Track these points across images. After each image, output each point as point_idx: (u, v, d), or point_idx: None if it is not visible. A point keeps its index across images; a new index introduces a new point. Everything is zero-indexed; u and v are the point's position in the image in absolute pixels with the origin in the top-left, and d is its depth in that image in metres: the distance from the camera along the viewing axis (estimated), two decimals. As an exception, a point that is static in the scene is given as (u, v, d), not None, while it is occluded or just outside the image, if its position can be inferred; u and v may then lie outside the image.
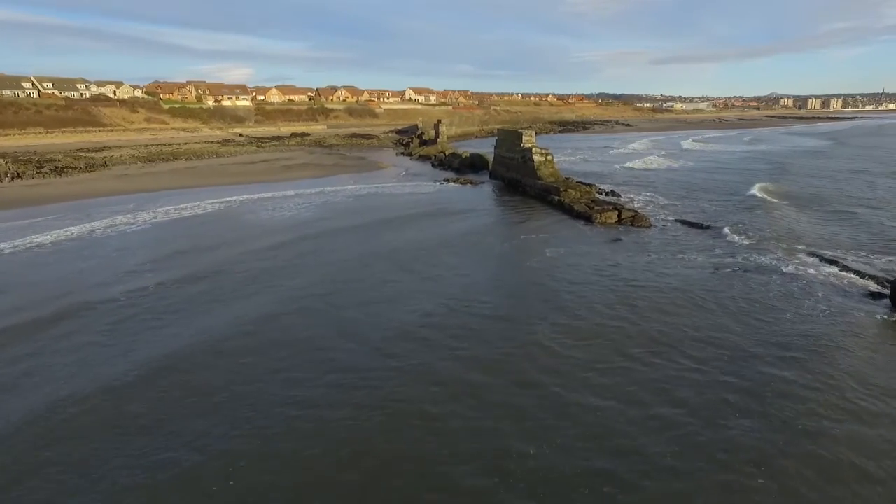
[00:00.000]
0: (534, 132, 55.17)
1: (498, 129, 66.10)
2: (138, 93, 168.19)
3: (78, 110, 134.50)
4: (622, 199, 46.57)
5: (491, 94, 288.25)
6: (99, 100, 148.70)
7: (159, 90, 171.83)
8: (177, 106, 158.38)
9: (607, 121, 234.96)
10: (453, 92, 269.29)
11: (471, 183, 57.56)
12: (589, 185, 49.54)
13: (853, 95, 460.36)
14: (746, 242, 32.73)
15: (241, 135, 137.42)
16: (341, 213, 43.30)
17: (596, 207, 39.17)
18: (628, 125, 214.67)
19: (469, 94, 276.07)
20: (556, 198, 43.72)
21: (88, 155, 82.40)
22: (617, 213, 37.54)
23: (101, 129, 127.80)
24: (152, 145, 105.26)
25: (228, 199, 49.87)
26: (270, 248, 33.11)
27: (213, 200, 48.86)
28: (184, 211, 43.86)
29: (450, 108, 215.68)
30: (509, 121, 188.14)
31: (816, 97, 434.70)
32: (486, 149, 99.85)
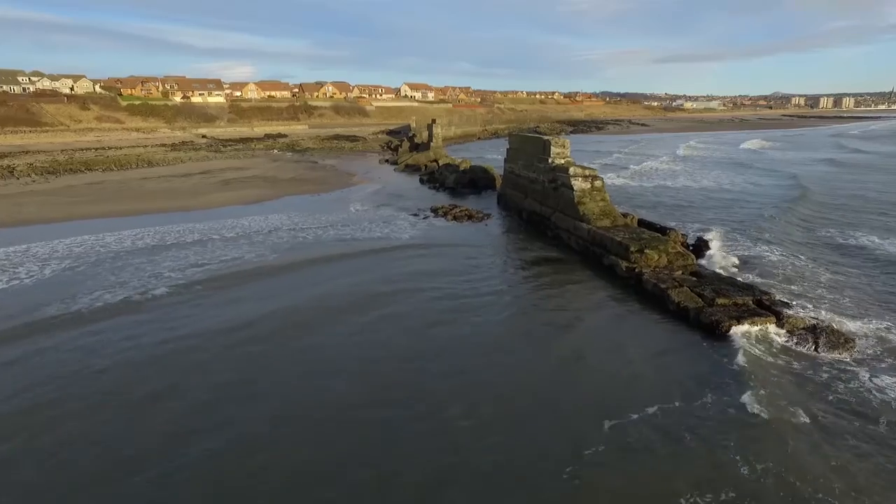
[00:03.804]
0: (568, 141, 36.06)
1: (510, 135, 46.91)
2: (99, 88, 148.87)
3: (13, 107, 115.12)
4: (731, 265, 27.18)
5: (494, 92, 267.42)
6: (44, 95, 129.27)
7: (119, 84, 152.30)
8: (137, 103, 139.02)
9: (619, 120, 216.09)
10: (453, 88, 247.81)
11: (469, 217, 38.05)
12: (664, 228, 30.20)
13: (860, 94, 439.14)
14: None
15: (204, 136, 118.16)
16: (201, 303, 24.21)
17: (718, 300, 19.66)
18: (644, 125, 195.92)
19: (470, 90, 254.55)
20: (624, 264, 24.47)
21: (-24, 164, 63.44)
22: (774, 318, 18.18)
23: (37, 129, 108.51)
24: (86, 149, 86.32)
25: (83, 241, 30.91)
26: None
27: (55, 247, 29.85)
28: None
29: (449, 105, 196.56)
30: (515, 120, 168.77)
31: (825, 96, 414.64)
32: (491, 154, 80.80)
